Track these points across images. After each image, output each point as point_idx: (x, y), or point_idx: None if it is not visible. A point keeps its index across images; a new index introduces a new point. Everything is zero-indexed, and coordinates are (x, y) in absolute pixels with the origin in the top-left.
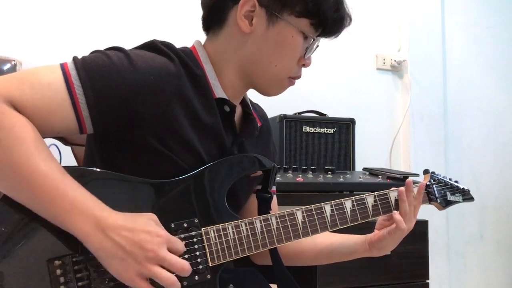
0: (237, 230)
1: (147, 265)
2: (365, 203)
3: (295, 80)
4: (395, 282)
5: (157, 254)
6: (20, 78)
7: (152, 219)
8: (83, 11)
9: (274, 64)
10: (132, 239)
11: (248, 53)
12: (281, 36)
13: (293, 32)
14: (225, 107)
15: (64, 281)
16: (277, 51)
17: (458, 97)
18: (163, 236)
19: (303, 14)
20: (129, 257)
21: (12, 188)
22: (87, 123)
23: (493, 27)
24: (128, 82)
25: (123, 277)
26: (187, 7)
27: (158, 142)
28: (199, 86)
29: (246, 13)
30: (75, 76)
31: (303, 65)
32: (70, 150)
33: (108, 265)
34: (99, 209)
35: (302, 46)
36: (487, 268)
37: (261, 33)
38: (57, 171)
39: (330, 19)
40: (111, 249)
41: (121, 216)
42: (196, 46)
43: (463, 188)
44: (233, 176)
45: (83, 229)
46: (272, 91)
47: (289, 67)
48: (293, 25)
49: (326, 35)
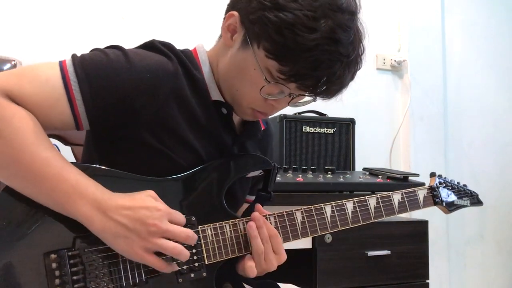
0: (234, 228)
1: (151, 239)
2: (367, 205)
3: (262, 115)
4: (395, 282)
5: (159, 227)
6: (19, 74)
7: (150, 195)
8: (83, 11)
9: (236, 88)
10: (133, 216)
11: (224, 65)
12: (245, 63)
13: (255, 66)
14: (222, 109)
15: (59, 274)
16: (239, 76)
17: (458, 97)
18: (162, 210)
19: (271, 55)
20: (133, 234)
21: (13, 177)
22: (83, 119)
23: (493, 27)
24: (124, 79)
25: (130, 254)
26: (187, 7)
27: (155, 140)
28: (197, 87)
29: (231, 26)
30: (72, 73)
31: (272, 105)
32: (70, 150)
33: (115, 245)
34: (100, 192)
35: (268, 84)
36: (487, 268)
37: (234, 51)
38: (58, 159)
39: (306, 75)
40: (114, 229)
41: (121, 196)
42: (198, 49)
43: (471, 192)
44: (232, 175)
45: (86, 213)
46: (237, 112)
47: (250, 98)
48: (256, 60)
49: (309, 93)
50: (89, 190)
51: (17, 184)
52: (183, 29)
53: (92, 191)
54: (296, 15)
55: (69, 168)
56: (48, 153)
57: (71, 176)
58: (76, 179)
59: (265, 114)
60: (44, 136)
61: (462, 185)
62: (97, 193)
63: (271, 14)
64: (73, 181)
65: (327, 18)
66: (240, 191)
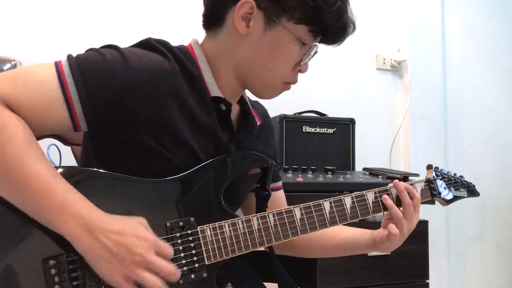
0: (233, 228)
1: (134, 269)
2: (366, 199)
3: (290, 85)
4: (395, 282)
5: (144, 258)
6: (13, 76)
7: (142, 223)
8: (83, 11)
9: (269, 69)
10: (120, 242)
11: (243, 55)
12: (277, 41)
13: (290, 38)
14: (221, 105)
15: (58, 280)
16: (273, 56)
17: (458, 97)
18: (151, 241)
19: (302, 21)
20: (116, 259)
21: (1, 188)
22: (80, 120)
23: (493, 27)
24: (121, 79)
25: (110, 279)
26: (187, 7)
27: (153, 140)
28: (195, 84)
29: (244, 14)
30: (68, 74)
31: (299, 71)
32: (70, 150)
33: (96, 267)
34: (88, 211)
35: (299, 52)
36: (487, 268)
37: (258, 36)
38: (47, 172)
39: (331, 27)
40: (98, 250)
41: (110, 219)
42: (193, 45)
43: (468, 183)
44: (229, 174)
45: (72, 231)
46: (265, 94)
47: (284, 72)
48: (290, 31)
49: (327, 43)
50: (76, 208)
51: (6, 195)
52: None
53: (79, 209)
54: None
55: (58, 183)
56: (37, 165)
57: (58, 192)
58: (63, 196)
59: (294, 82)
60: (35, 145)
61: (458, 176)
62: (84, 211)
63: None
64: (60, 198)
65: None
66: (241, 189)
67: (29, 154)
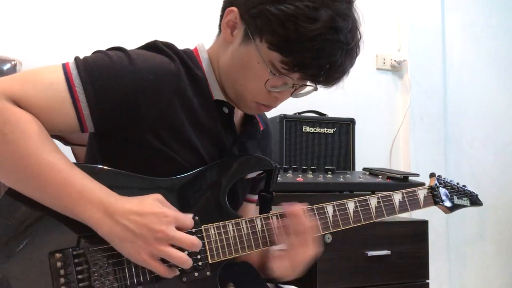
0: (237, 228)
1: (157, 246)
2: (369, 204)
3: (265, 107)
4: (395, 282)
5: (166, 234)
6: (22, 78)
7: (158, 199)
8: (83, 11)
9: (239, 83)
10: (140, 222)
11: (224, 62)
12: (248, 57)
13: (259, 60)
14: (224, 108)
15: (64, 273)
16: (242, 71)
17: (458, 97)
18: (170, 216)
19: (274, 48)
20: (139, 239)
21: (20, 182)
22: (87, 122)
23: (493, 27)
24: (128, 81)
25: (136, 258)
26: (187, 7)
27: (159, 141)
28: (199, 86)
29: (230, 22)
30: (76, 76)
31: (276, 98)
32: (70, 150)
33: (121, 249)
34: (106, 196)
35: (272, 77)
36: (487, 268)
37: (236, 47)
38: (64, 162)
39: (307, 65)
40: (121, 233)
41: (128, 200)
42: (198, 48)
43: (471, 192)
44: (234, 175)
45: (93, 217)
46: (241, 107)
47: (254, 91)
48: (260, 54)
49: (313, 82)
50: (96, 194)
51: (24, 188)
52: (183, 29)
53: (98, 195)
54: (296, 6)
55: (75, 172)
56: (53, 157)
57: (76, 180)
58: (82, 183)
59: (269, 107)
60: (49, 139)
61: (461, 186)
62: (103, 197)
63: (272, 7)
64: (79, 186)
65: (326, 8)
66: (241, 191)
67: (45, 147)
